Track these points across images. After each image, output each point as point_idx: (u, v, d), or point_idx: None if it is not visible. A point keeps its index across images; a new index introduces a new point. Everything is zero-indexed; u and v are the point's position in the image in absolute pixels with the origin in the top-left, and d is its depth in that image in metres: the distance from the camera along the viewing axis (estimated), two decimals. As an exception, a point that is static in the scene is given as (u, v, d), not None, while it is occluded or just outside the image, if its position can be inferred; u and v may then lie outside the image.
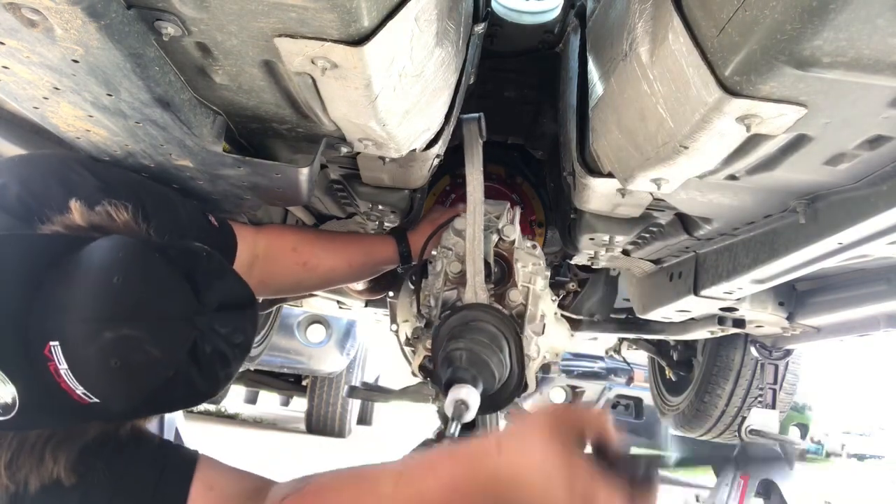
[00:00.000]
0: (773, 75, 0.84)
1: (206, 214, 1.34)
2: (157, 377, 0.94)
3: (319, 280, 1.67)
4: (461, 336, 1.30)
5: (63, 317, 0.90)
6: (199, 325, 0.96)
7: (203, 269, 1.00)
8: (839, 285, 1.83)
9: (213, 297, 0.99)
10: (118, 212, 1.05)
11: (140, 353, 0.90)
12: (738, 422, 2.99)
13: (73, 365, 0.88)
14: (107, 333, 0.89)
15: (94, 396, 0.91)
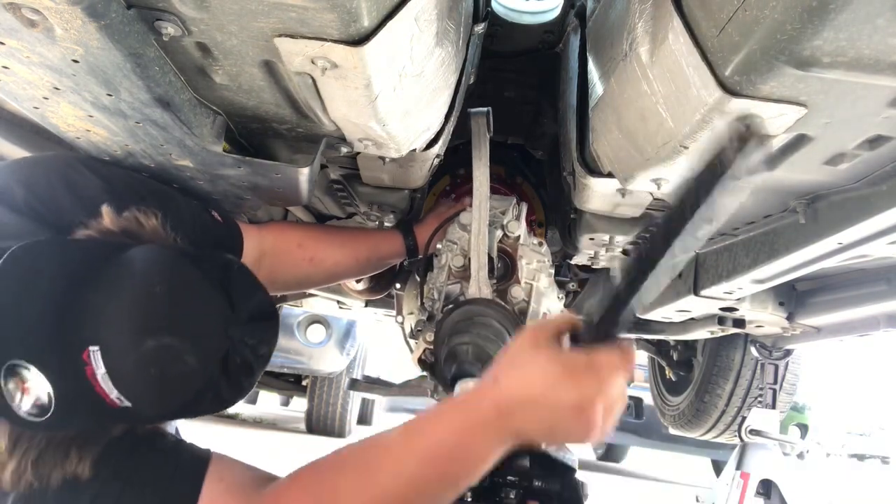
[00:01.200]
0: (773, 75, 0.84)
1: (210, 210, 1.34)
2: (192, 386, 0.96)
3: (326, 275, 1.68)
4: (466, 331, 1.29)
5: (104, 323, 0.91)
6: (233, 336, 0.98)
7: (236, 281, 1.03)
8: (839, 285, 1.83)
9: (246, 308, 1.01)
10: (146, 218, 1.07)
11: (179, 362, 0.93)
12: (738, 422, 2.99)
13: (111, 370, 0.90)
14: (149, 342, 0.91)
15: (127, 401, 0.92)
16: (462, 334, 1.28)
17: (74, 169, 1.16)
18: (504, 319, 1.35)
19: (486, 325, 1.32)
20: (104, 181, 1.16)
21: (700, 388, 3.11)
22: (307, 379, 6.85)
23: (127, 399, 0.92)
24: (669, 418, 3.45)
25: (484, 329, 1.30)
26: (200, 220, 1.29)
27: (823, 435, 25.56)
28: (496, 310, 1.36)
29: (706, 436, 3.25)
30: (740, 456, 2.32)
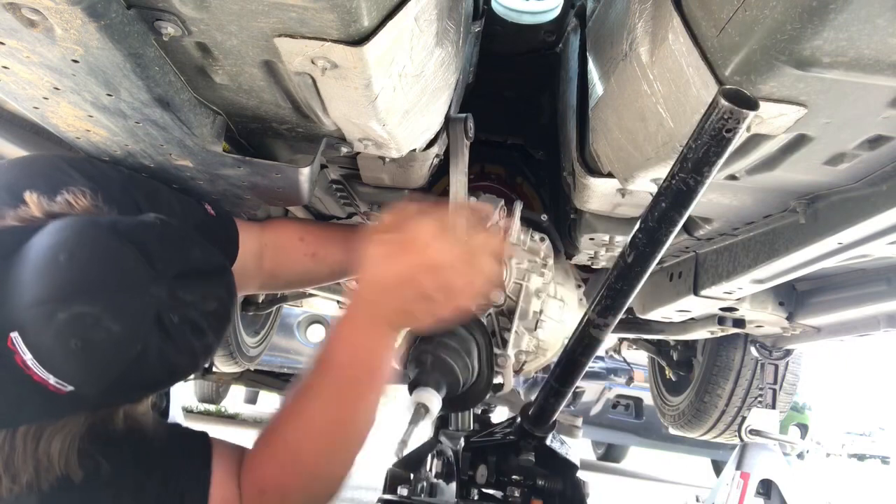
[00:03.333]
0: (774, 75, 0.84)
1: (203, 204, 1.34)
2: (124, 353, 0.90)
3: (329, 272, 1.67)
4: (430, 339, 1.32)
5: (17, 305, 0.87)
6: (158, 294, 0.92)
7: (157, 238, 0.96)
8: (839, 285, 1.83)
9: (172, 265, 0.95)
10: (77, 198, 1.01)
11: (99, 329, 0.87)
12: (738, 422, 2.99)
13: (36, 353, 0.86)
14: (60, 314, 0.86)
15: (67, 384, 0.88)
16: (426, 342, 1.31)
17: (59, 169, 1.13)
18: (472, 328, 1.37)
19: (451, 332, 1.34)
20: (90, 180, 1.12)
21: (700, 388, 3.11)
22: (307, 379, 6.84)
23: (66, 382, 0.88)
24: (669, 418, 3.45)
25: (448, 338, 1.32)
26: (193, 215, 1.29)
27: (823, 435, 25.55)
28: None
29: (706, 436, 3.25)
30: (740, 456, 2.32)
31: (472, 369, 1.33)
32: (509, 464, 1.55)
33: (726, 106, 0.77)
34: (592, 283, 2.40)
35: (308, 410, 1.09)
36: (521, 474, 1.54)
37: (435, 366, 1.26)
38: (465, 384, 1.31)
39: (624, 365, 5.79)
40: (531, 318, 1.51)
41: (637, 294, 1.09)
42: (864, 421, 33.02)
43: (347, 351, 1.09)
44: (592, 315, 1.13)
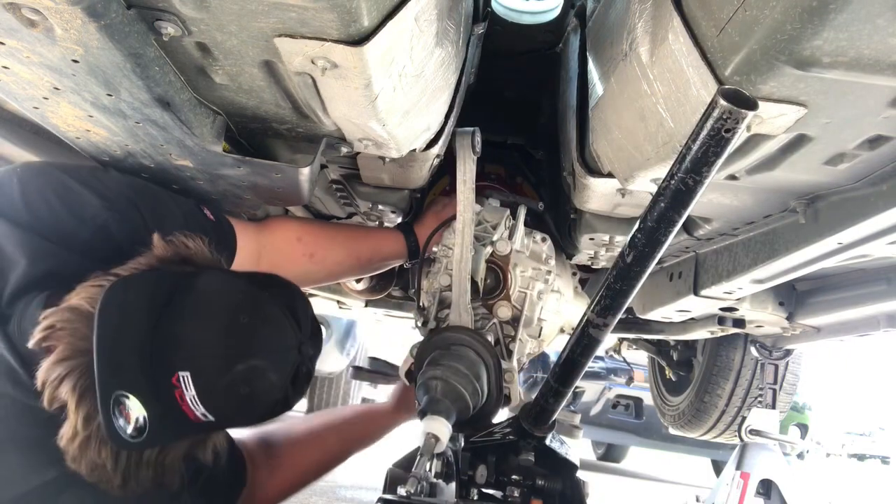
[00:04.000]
0: (774, 75, 0.84)
1: (202, 209, 1.35)
2: (272, 399, 1.11)
3: (327, 273, 1.68)
4: (440, 362, 1.31)
5: (194, 351, 1.03)
6: (304, 351, 1.14)
7: (298, 301, 1.18)
8: (839, 285, 1.83)
9: (308, 325, 1.17)
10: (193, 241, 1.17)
11: (264, 380, 1.07)
12: (738, 422, 2.99)
13: (201, 392, 1.01)
14: (239, 366, 1.04)
15: (211, 416, 1.04)
16: (435, 367, 1.31)
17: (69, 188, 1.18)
18: (481, 349, 1.37)
19: (460, 356, 1.34)
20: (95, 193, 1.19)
21: (700, 388, 3.11)
22: (307, 379, 6.84)
23: (212, 415, 1.04)
24: (669, 418, 3.45)
25: (457, 361, 1.32)
26: (194, 222, 1.30)
27: (823, 435, 25.55)
28: (473, 338, 1.38)
29: (706, 436, 3.25)
30: (740, 456, 2.32)
31: (482, 393, 1.33)
32: (509, 464, 1.55)
33: (725, 106, 0.77)
34: (592, 283, 2.40)
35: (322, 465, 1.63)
36: (521, 474, 1.54)
37: (445, 393, 1.26)
38: (474, 408, 1.31)
39: (624, 365, 5.79)
40: (535, 326, 1.51)
41: (637, 294, 1.09)
42: (864, 421, 33.02)
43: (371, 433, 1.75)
44: (592, 315, 1.13)
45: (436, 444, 1.18)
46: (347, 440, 1.72)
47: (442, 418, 1.20)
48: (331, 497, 3.80)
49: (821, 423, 19.74)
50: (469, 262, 1.41)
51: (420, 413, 1.24)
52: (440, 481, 1.62)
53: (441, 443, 1.18)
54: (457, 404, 1.26)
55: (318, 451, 1.66)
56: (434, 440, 1.18)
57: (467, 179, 1.44)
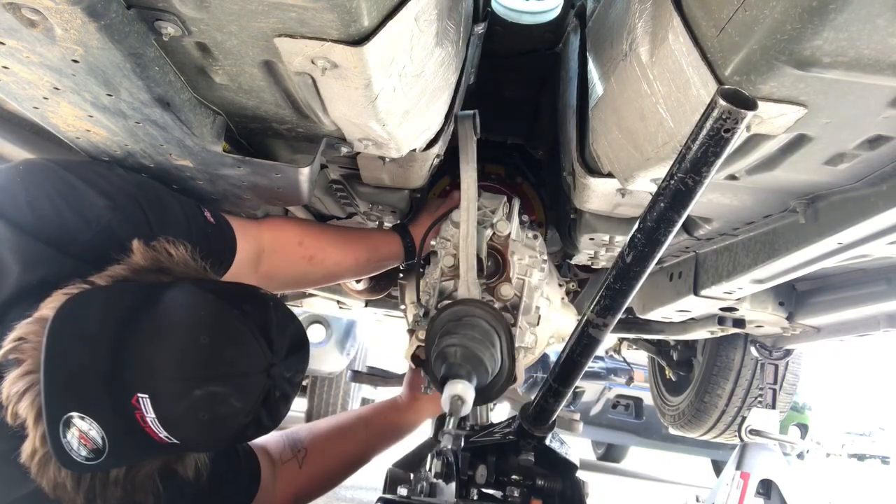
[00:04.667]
0: (774, 75, 0.84)
1: (203, 210, 1.34)
2: (237, 425, 1.04)
3: (325, 275, 1.68)
4: (455, 332, 1.31)
5: (152, 373, 0.98)
6: (274, 375, 1.06)
7: (273, 320, 1.09)
8: (839, 285, 1.83)
9: (283, 346, 1.09)
10: (174, 248, 1.13)
11: (225, 405, 1.01)
12: (738, 422, 2.99)
13: (161, 416, 0.97)
14: (197, 391, 0.98)
15: (176, 440, 1.00)
16: (451, 335, 1.30)
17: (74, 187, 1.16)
18: (492, 319, 1.36)
19: (473, 325, 1.33)
20: (101, 194, 1.16)
21: (700, 388, 3.11)
22: (307, 379, 6.85)
23: (176, 439, 1.00)
24: (669, 418, 3.45)
25: (472, 330, 1.32)
26: (195, 224, 1.29)
27: (823, 435, 25.54)
28: (484, 310, 1.37)
29: (706, 436, 3.25)
30: (740, 456, 2.32)
31: (497, 360, 1.33)
32: (509, 464, 1.55)
33: (725, 106, 0.77)
34: (592, 283, 2.40)
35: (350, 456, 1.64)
36: (521, 474, 1.54)
37: (465, 357, 1.25)
38: (491, 374, 1.31)
39: (624, 365, 5.79)
40: (533, 314, 1.51)
41: (637, 294, 1.09)
42: (864, 421, 33.01)
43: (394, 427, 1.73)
44: (591, 315, 1.13)
45: (462, 406, 1.17)
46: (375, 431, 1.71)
47: (465, 381, 1.20)
48: (331, 497, 3.79)
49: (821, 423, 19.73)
50: (475, 237, 1.43)
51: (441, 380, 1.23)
52: (440, 481, 1.62)
53: (467, 404, 1.17)
54: (477, 369, 1.25)
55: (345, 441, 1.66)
56: (460, 402, 1.17)
57: (469, 159, 1.46)
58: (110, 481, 1.02)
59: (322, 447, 1.61)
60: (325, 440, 1.62)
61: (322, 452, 1.60)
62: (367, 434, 1.69)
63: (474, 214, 1.44)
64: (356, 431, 1.68)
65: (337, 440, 1.64)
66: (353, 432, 1.68)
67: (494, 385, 1.37)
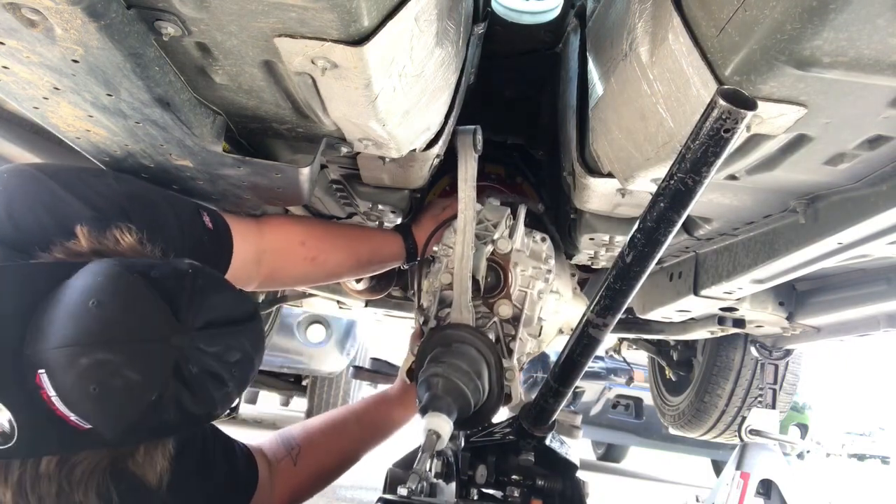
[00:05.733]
0: (774, 75, 0.84)
1: (202, 216, 1.31)
2: (140, 400, 0.93)
3: (326, 275, 1.68)
4: (441, 359, 1.31)
5: (46, 345, 0.91)
6: (178, 344, 0.95)
7: (188, 288, 0.99)
8: (839, 285, 1.83)
9: (198, 316, 0.98)
10: (123, 235, 1.06)
11: (117, 377, 0.91)
12: (738, 422, 2.99)
13: (59, 392, 0.90)
14: (83, 360, 0.90)
15: (86, 422, 0.92)
16: (437, 364, 1.30)
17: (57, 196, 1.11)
18: (482, 346, 1.37)
19: (462, 354, 1.33)
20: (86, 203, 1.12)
21: (700, 388, 3.11)
22: (307, 379, 6.85)
23: (85, 420, 0.92)
24: (669, 418, 3.45)
25: (459, 359, 1.31)
26: (190, 231, 1.26)
27: (823, 435, 25.54)
28: (475, 336, 1.38)
29: (706, 436, 3.25)
30: (740, 456, 2.32)
31: (483, 390, 1.33)
32: (509, 464, 1.55)
33: (724, 106, 0.77)
34: (592, 283, 2.40)
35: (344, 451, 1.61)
36: (521, 474, 1.54)
37: (447, 390, 1.25)
38: (476, 405, 1.31)
39: (624, 365, 5.79)
40: (535, 325, 1.51)
41: (637, 294, 1.09)
42: (864, 421, 33.02)
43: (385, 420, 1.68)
44: (591, 315, 1.13)
45: (437, 441, 1.17)
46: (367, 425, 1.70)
47: (443, 415, 1.20)
48: (330, 497, 3.80)
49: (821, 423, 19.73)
50: (470, 259, 1.41)
51: (422, 410, 1.23)
52: (440, 481, 1.62)
53: (442, 439, 1.18)
54: (458, 401, 1.25)
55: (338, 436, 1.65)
56: (435, 437, 1.17)
57: (468, 177, 1.45)
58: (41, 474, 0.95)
59: (315, 444, 1.60)
60: (318, 437, 1.61)
61: (316, 449, 1.59)
62: (359, 428, 1.68)
63: (471, 238, 1.42)
64: (348, 426, 1.67)
65: (330, 436, 1.63)
66: (345, 427, 1.67)
67: (483, 411, 1.37)
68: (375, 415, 1.72)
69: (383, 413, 1.73)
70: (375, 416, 1.72)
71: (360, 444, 1.66)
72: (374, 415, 1.72)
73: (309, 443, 1.58)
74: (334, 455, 1.62)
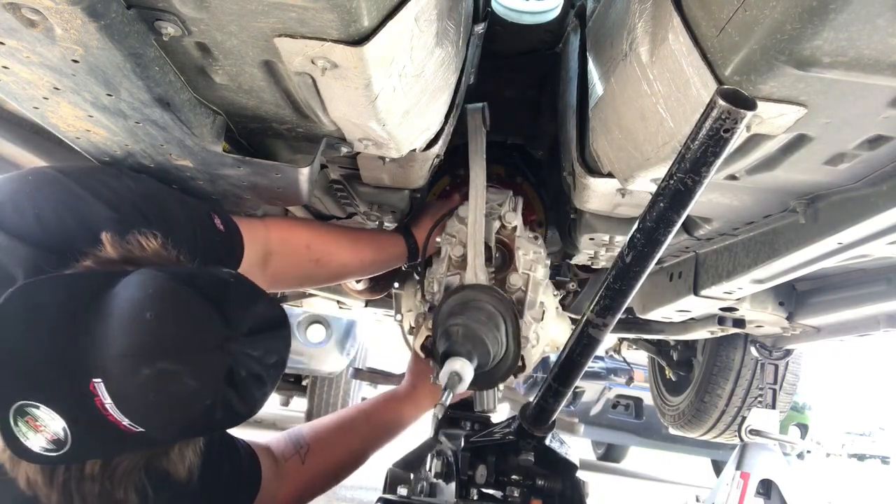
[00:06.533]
0: (773, 75, 0.84)
1: (213, 218, 1.32)
2: (197, 406, 0.98)
3: (330, 275, 1.69)
4: (460, 313, 1.32)
5: (102, 354, 0.94)
6: (232, 351, 1.00)
7: (232, 295, 1.04)
8: (839, 285, 1.83)
9: (244, 322, 1.03)
10: (147, 241, 1.09)
11: (178, 384, 0.95)
12: (738, 422, 2.99)
13: (116, 399, 0.93)
14: (144, 370, 0.93)
15: (139, 426, 0.96)
16: (455, 316, 1.31)
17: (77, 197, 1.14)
18: (498, 303, 1.37)
19: (479, 308, 1.34)
20: (108, 206, 1.15)
21: (700, 388, 3.11)
22: (307, 379, 6.85)
23: (139, 425, 0.95)
24: (669, 418, 3.45)
25: (476, 312, 1.32)
26: (203, 233, 1.28)
27: (823, 435, 25.55)
28: (490, 294, 1.39)
29: (706, 436, 3.25)
30: (740, 456, 2.32)
31: (501, 343, 1.33)
32: (509, 464, 1.55)
33: (724, 106, 0.77)
34: (592, 283, 2.40)
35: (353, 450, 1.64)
36: (521, 474, 1.54)
37: (467, 337, 1.26)
38: (494, 357, 1.31)
39: (624, 365, 5.79)
40: (538, 309, 1.52)
41: (637, 294, 1.09)
42: (864, 421, 33.03)
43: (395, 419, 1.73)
44: (591, 315, 1.13)
45: (459, 383, 1.17)
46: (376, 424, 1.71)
47: (464, 359, 1.20)
48: (331, 497, 3.80)
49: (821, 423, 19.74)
50: (483, 224, 1.44)
51: (441, 357, 1.23)
52: (440, 481, 1.62)
53: (464, 382, 1.17)
54: (478, 349, 1.25)
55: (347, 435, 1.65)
56: (457, 378, 1.17)
57: (478, 150, 1.49)
58: (85, 476, 0.99)
59: (324, 442, 1.60)
60: (326, 435, 1.62)
61: (324, 447, 1.60)
62: (368, 427, 1.68)
63: (482, 203, 1.46)
64: (357, 425, 1.68)
65: (339, 434, 1.64)
66: (354, 426, 1.67)
67: (500, 369, 1.37)
68: (384, 413, 1.73)
69: (392, 411, 1.73)
70: (384, 414, 1.73)
71: (369, 442, 1.67)
72: (384, 413, 1.73)
73: (317, 441, 1.59)
74: (343, 454, 1.63)
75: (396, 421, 1.74)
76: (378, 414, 1.73)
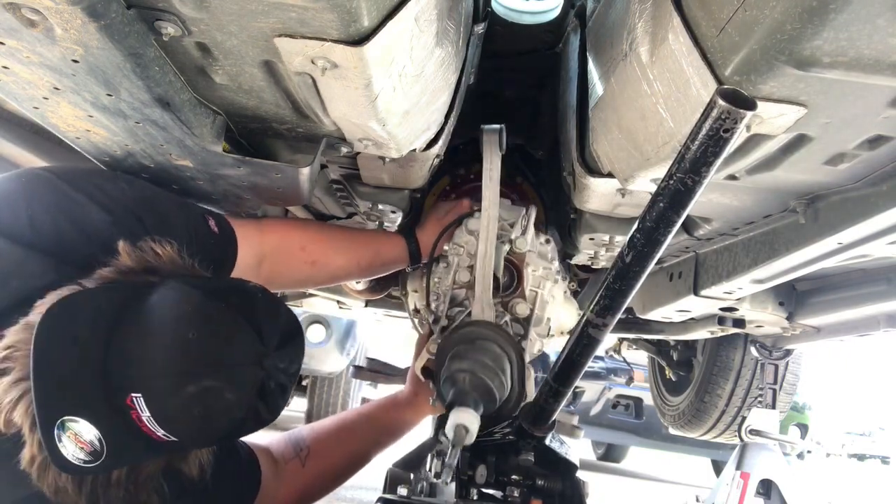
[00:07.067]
0: (773, 75, 0.84)
1: (207, 220, 1.32)
2: (234, 418, 1.04)
3: (327, 278, 1.68)
4: (465, 356, 1.32)
5: (144, 371, 0.98)
6: (266, 366, 1.05)
7: (262, 311, 1.09)
8: (839, 285, 1.83)
9: (274, 336, 1.08)
10: (162, 248, 1.12)
11: (218, 399, 1.00)
12: (738, 422, 2.99)
13: (156, 413, 0.97)
14: (189, 387, 0.98)
15: (173, 437, 1.00)
16: (462, 359, 1.31)
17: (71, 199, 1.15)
18: (505, 343, 1.38)
19: (485, 350, 1.34)
20: (102, 208, 1.15)
21: (700, 388, 3.11)
22: (307, 379, 6.85)
23: (173, 436, 0.99)
24: (669, 418, 3.45)
25: (483, 355, 1.33)
26: (197, 235, 1.28)
27: (823, 435, 25.55)
28: (498, 333, 1.39)
29: (706, 436, 3.25)
30: (740, 456, 2.32)
31: (506, 386, 1.34)
32: (509, 464, 1.55)
33: (724, 106, 0.77)
34: (592, 283, 2.40)
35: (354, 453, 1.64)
36: (521, 474, 1.54)
37: (473, 386, 1.27)
38: (499, 401, 1.32)
39: (624, 365, 5.79)
40: (544, 325, 1.52)
41: (637, 294, 1.09)
42: (864, 421, 33.03)
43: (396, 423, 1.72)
44: (591, 315, 1.13)
45: (466, 436, 1.17)
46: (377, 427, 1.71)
47: (471, 409, 1.21)
48: (330, 497, 3.79)
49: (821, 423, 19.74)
50: (492, 257, 1.43)
51: (448, 405, 1.24)
52: (440, 481, 1.62)
53: (471, 434, 1.18)
54: (484, 397, 1.26)
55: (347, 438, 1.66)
56: (464, 431, 1.17)
57: (493, 177, 1.47)
58: (112, 483, 1.02)
59: (325, 445, 1.60)
60: (327, 438, 1.62)
61: (325, 450, 1.59)
62: (369, 430, 1.68)
63: (494, 235, 1.44)
64: (358, 428, 1.68)
65: (339, 437, 1.64)
66: (355, 429, 1.67)
67: (503, 409, 1.38)
68: (386, 417, 1.73)
69: (394, 415, 1.73)
70: (386, 418, 1.73)
71: (370, 445, 1.67)
72: (385, 417, 1.73)
73: (318, 444, 1.58)
74: (344, 456, 1.63)
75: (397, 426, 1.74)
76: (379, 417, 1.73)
